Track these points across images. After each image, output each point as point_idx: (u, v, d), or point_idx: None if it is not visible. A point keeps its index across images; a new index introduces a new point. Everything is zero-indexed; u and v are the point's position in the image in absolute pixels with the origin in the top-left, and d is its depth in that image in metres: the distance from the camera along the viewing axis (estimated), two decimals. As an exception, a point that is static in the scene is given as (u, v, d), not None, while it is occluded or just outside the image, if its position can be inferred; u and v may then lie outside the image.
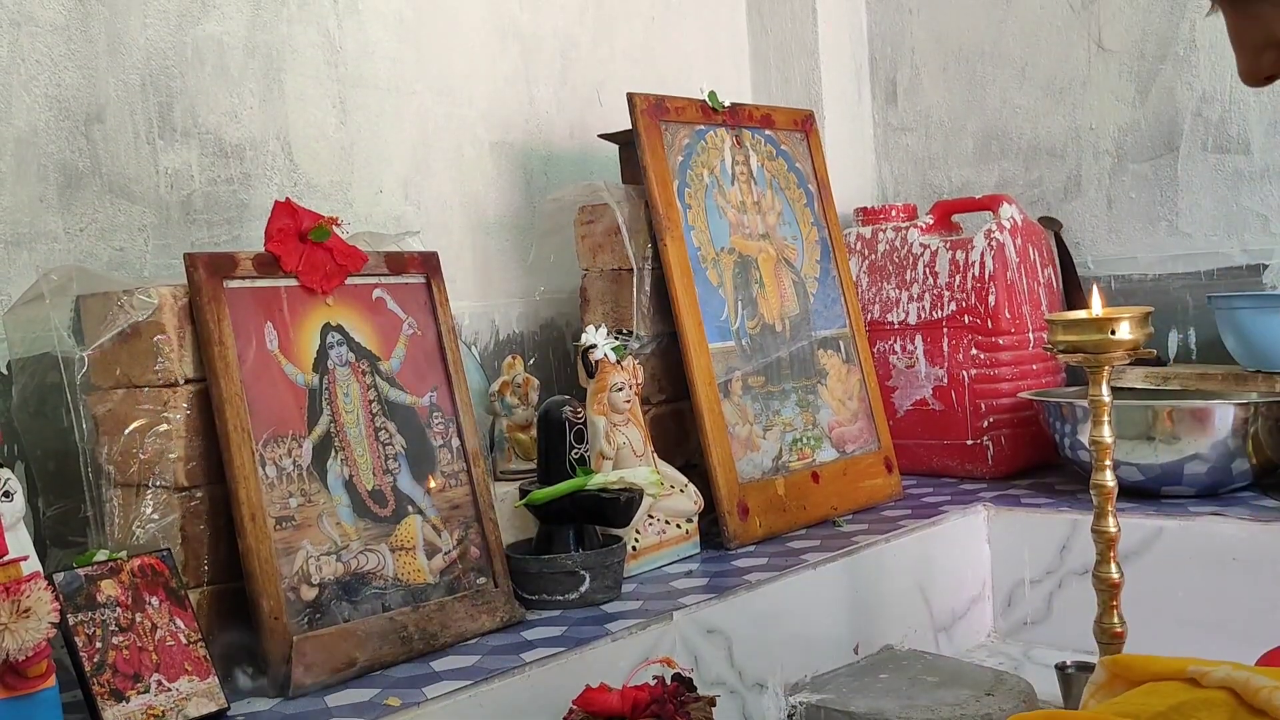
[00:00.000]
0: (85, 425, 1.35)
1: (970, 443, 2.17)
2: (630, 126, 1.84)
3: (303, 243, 1.42)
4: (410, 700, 1.23)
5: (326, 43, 1.81)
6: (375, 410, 1.46)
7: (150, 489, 1.31)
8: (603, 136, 1.98)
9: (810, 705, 1.54)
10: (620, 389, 1.68)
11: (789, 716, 1.56)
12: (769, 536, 1.82)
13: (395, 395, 1.49)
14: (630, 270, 1.83)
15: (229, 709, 1.23)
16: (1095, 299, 1.48)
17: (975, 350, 2.16)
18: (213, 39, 1.67)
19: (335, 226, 1.46)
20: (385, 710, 1.21)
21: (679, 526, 1.75)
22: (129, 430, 1.32)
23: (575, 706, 1.18)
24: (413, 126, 1.93)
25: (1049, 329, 1.46)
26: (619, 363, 1.70)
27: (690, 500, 1.76)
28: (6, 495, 1.15)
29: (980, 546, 1.96)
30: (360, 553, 1.39)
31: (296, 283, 1.42)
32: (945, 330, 2.18)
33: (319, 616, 1.32)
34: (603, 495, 1.55)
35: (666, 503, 1.73)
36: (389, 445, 1.46)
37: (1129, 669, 1.03)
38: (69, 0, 1.52)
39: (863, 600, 1.72)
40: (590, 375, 1.70)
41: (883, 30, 2.63)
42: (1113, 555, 1.47)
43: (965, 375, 2.17)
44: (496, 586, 1.49)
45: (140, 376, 1.33)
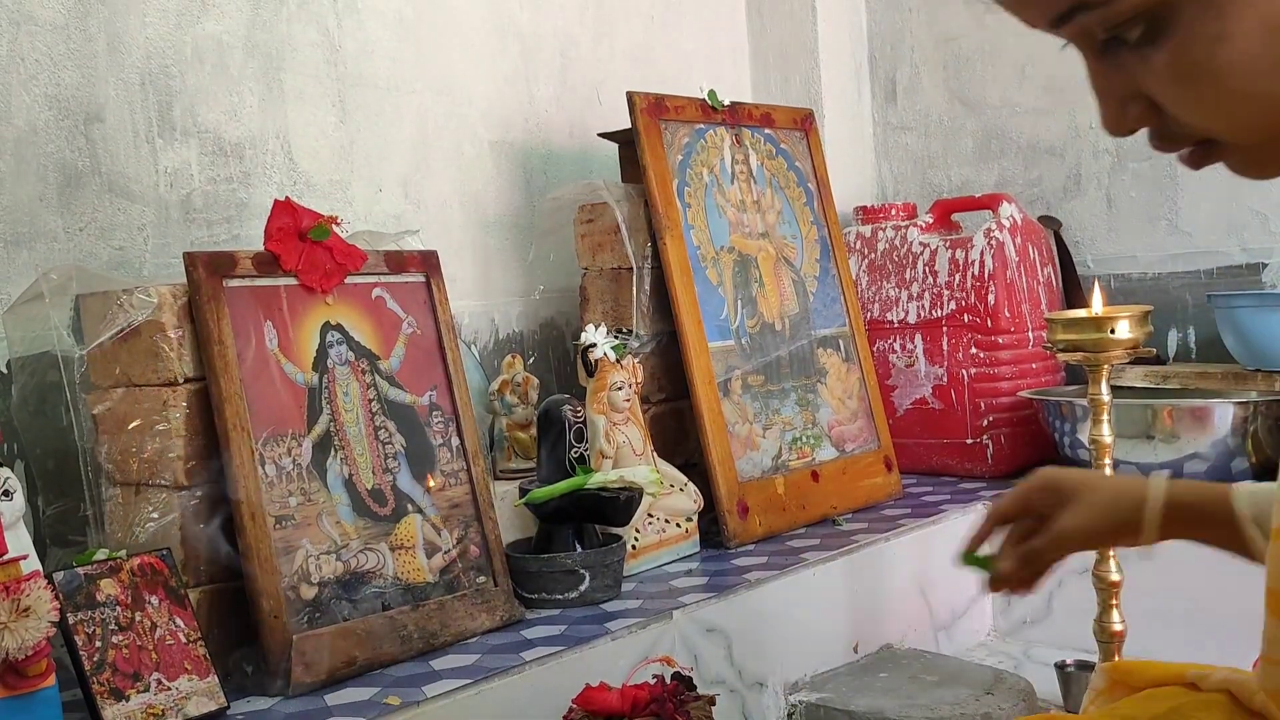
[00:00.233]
0: (85, 424, 1.35)
1: (970, 442, 2.17)
2: (630, 125, 1.84)
3: (302, 242, 1.42)
4: (410, 699, 1.23)
5: (326, 42, 1.81)
6: (375, 409, 1.46)
7: (150, 488, 1.31)
8: (602, 135, 1.98)
9: (810, 704, 1.54)
10: (620, 388, 1.68)
11: (789, 715, 1.56)
12: (768, 535, 1.82)
13: (395, 394, 1.49)
14: (630, 269, 1.83)
15: (229, 708, 1.23)
16: (1095, 298, 1.48)
17: (975, 349, 2.16)
18: (212, 38, 1.67)
19: (335, 225, 1.46)
20: (385, 709, 1.21)
21: (679, 525, 1.75)
22: (129, 429, 1.32)
23: (575, 705, 1.18)
24: (412, 125, 1.93)
25: (1048, 328, 1.47)
26: (618, 362, 1.70)
27: (690, 499, 1.76)
28: (6, 494, 1.15)
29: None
30: (360, 552, 1.39)
31: (296, 282, 1.42)
32: (945, 329, 2.18)
33: (319, 615, 1.32)
34: (602, 494, 1.55)
35: (666, 502, 1.73)
36: (388, 444, 1.46)
37: (1129, 675, 1.04)
38: (68, -1, 1.52)
39: (862, 599, 1.72)
40: (590, 374, 1.70)
41: (882, 29, 2.63)
42: (1112, 554, 1.47)
43: (965, 374, 2.17)
44: (496, 585, 1.49)
45: (140, 375, 1.33)
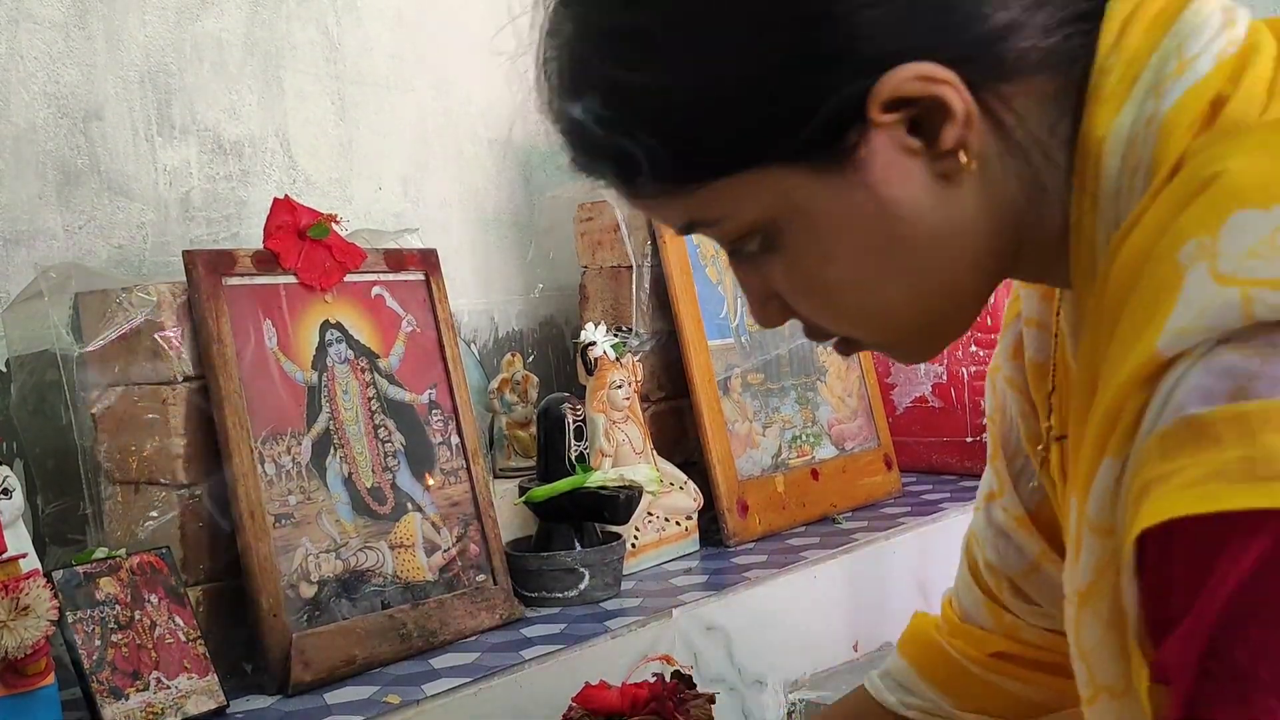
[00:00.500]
0: (84, 423, 1.35)
1: (970, 440, 2.16)
2: (629, 123, 1.83)
3: (302, 240, 1.42)
4: (409, 698, 1.23)
5: (325, 40, 1.81)
6: (374, 408, 1.46)
7: (149, 486, 1.31)
8: (602, 133, 1.97)
9: (810, 702, 1.54)
10: (619, 386, 1.68)
11: (788, 714, 1.56)
12: (768, 534, 1.82)
13: (394, 393, 1.49)
14: (630, 267, 1.83)
15: (228, 706, 1.23)
16: (1095, 296, 1.48)
17: (974, 347, 2.16)
18: (211, 36, 1.66)
19: (334, 224, 1.45)
20: (384, 708, 1.21)
21: (678, 524, 1.75)
22: (128, 428, 1.32)
23: (575, 704, 1.18)
24: (412, 123, 1.93)
25: (1048, 326, 1.47)
26: (618, 360, 1.70)
27: (689, 497, 1.76)
28: (5, 492, 1.15)
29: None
30: (359, 550, 1.39)
31: (295, 280, 1.41)
32: (945, 327, 2.18)
33: (318, 614, 1.32)
34: (602, 492, 1.55)
35: (666, 500, 1.72)
36: (388, 443, 1.46)
37: None
38: (67, -3, 1.52)
39: (862, 597, 1.72)
40: (590, 372, 1.69)
41: (882, 27, 2.62)
42: (1112, 552, 1.47)
43: (965, 372, 2.16)
44: (496, 584, 1.49)
45: (139, 374, 1.33)
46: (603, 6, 0.68)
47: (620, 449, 1.67)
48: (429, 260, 1.57)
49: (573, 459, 1.58)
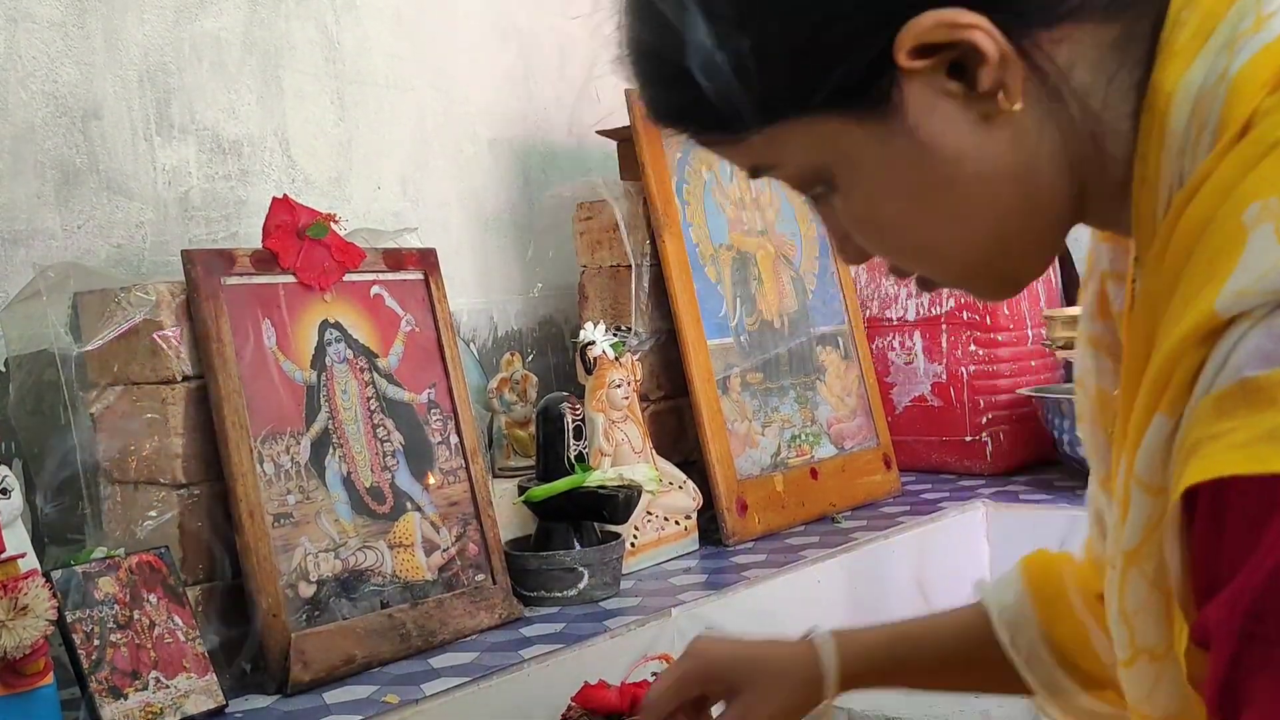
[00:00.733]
0: (83, 422, 1.35)
1: (969, 439, 2.17)
2: (628, 123, 1.84)
3: (301, 239, 1.42)
4: (409, 697, 1.23)
5: (324, 39, 1.81)
6: (373, 407, 1.46)
7: (148, 486, 1.31)
8: (601, 133, 1.98)
9: (809, 702, 1.54)
10: (619, 386, 1.68)
11: (788, 713, 1.56)
12: (767, 533, 1.82)
13: (393, 392, 1.48)
14: (629, 267, 1.83)
15: (227, 706, 1.23)
16: (1094, 295, 1.48)
17: (974, 346, 2.16)
18: (210, 35, 1.66)
19: (333, 223, 1.45)
20: (384, 707, 1.21)
21: (678, 523, 1.75)
22: (127, 427, 1.32)
23: (574, 703, 1.18)
24: (411, 123, 1.93)
25: (1047, 325, 1.47)
26: (617, 359, 1.70)
27: (689, 497, 1.76)
28: (4, 492, 1.15)
29: (979, 543, 1.96)
30: (358, 550, 1.39)
31: (294, 279, 1.41)
32: (944, 326, 2.18)
33: (317, 613, 1.32)
34: (601, 492, 1.55)
35: (665, 499, 1.72)
36: (387, 442, 1.46)
37: None
38: (66, -4, 1.52)
39: (861, 597, 1.72)
40: (589, 372, 1.69)
41: (881, 26, 2.62)
42: (1111, 551, 1.47)
43: (964, 371, 2.17)
44: (495, 583, 1.49)
45: (138, 374, 1.33)
46: None
47: (619, 448, 1.67)
48: (428, 260, 1.57)
49: (572, 458, 1.58)
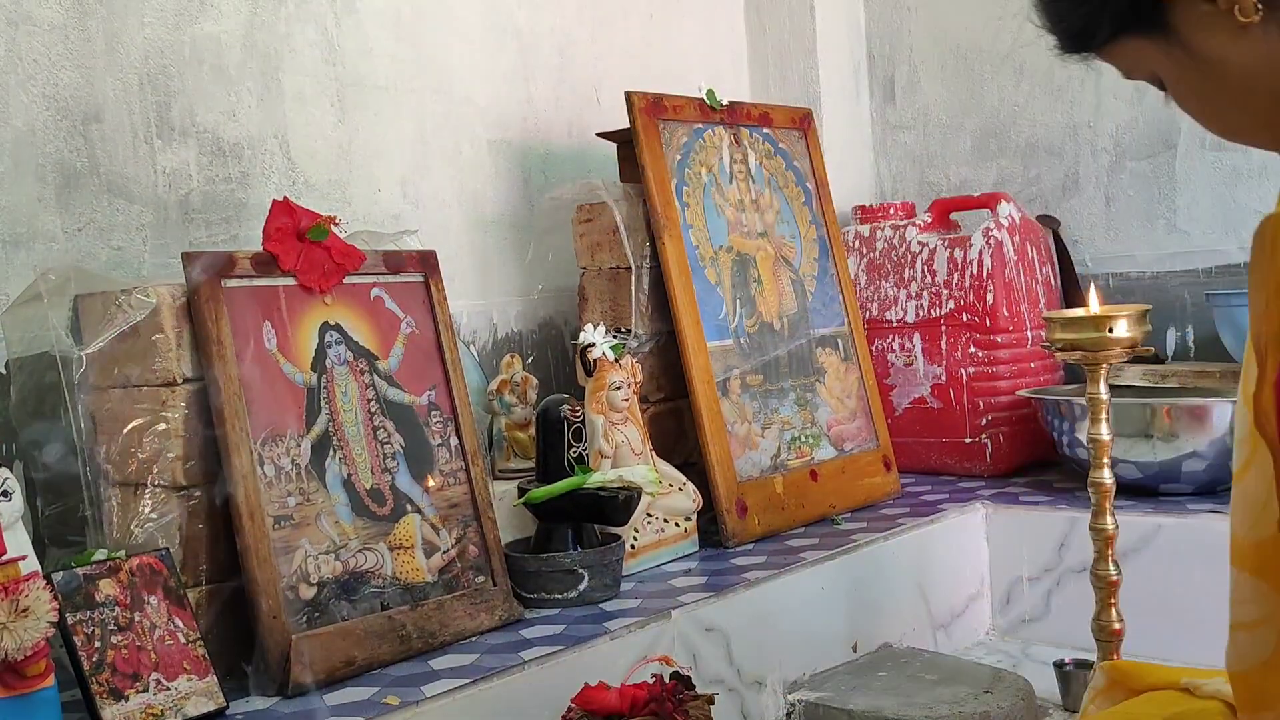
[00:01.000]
0: (84, 425, 1.35)
1: (969, 441, 2.17)
2: (628, 125, 1.84)
3: (301, 242, 1.42)
4: (409, 699, 1.23)
5: (324, 41, 1.81)
6: (374, 409, 1.46)
7: (149, 488, 1.31)
8: (601, 135, 1.98)
9: (809, 703, 1.54)
10: (619, 387, 1.68)
11: (788, 714, 1.56)
12: (767, 535, 1.82)
13: (393, 394, 1.49)
14: (628, 269, 1.83)
15: (227, 708, 1.23)
16: (1093, 297, 1.48)
17: (973, 348, 2.16)
18: (210, 38, 1.67)
19: (333, 225, 1.46)
20: (384, 709, 1.21)
21: (677, 525, 1.75)
22: (127, 430, 1.32)
23: (574, 705, 1.18)
24: (411, 125, 1.93)
25: (1047, 327, 1.47)
26: (617, 361, 1.70)
27: (689, 499, 1.76)
28: (5, 495, 1.15)
29: (979, 544, 1.96)
30: (359, 551, 1.39)
31: (295, 282, 1.42)
32: (943, 328, 2.19)
33: (317, 615, 1.32)
34: (601, 494, 1.55)
35: (665, 501, 1.73)
36: (387, 444, 1.46)
37: (1128, 676, 1.05)
38: (67, 0, 1.52)
39: (861, 598, 1.72)
40: (589, 374, 1.70)
41: (881, 28, 2.63)
42: (1111, 553, 1.48)
43: (963, 373, 2.17)
44: (495, 585, 1.49)
45: (138, 376, 1.33)
46: None
47: (619, 450, 1.67)
48: (428, 262, 1.58)
49: (572, 460, 1.58)
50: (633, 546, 1.67)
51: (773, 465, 1.89)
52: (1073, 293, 2.29)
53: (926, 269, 2.21)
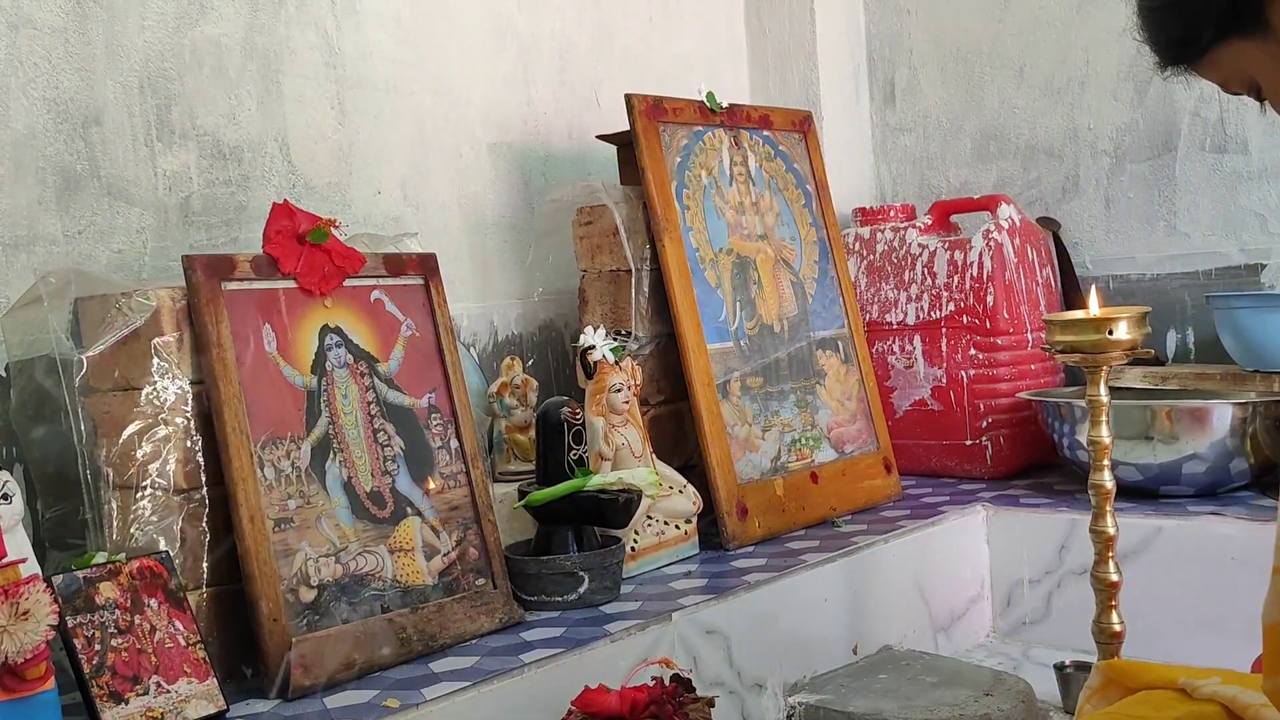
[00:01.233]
0: (84, 427, 1.35)
1: (969, 443, 2.17)
2: (628, 127, 1.84)
3: (301, 244, 1.42)
4: (409, 701, 1.23)
5: (324, 44, 1.81)
6: (374, 412, 1.46)
7: (149, 491, 1.31)
8: (601, 137, 1.98)
9: (809, 705, 1.54)
10: (619, 390, 1.68)
11: (788, 717, 1.56)
12: (768, 537, 1.82)
13: (394, 397, 1.49)
14: (629, 271, 1.83)
15: (228, 710, 1.23)
16: (1093, 299, 1.48)
17: (974, 350, 2.16)
18: (210, 41, 1.67)
19: (333, 228, 1.46)
20: (384, 711, 1.21)
21: (678, 527, 1.75)
22: (127, 432, 1.32)
23: (574, 707, 1.18)
24: (411, 127, 1.93)
25: (1047, 329, 1.47)
26: (617, 363, 1.70)
27: (689, 501, 1.76)
28: (5, 498, 1.15)
29: (979, 546, 1.96)
30: (359, 554, 1.39)
31: (295, 284, 1.42)
32: (944, 330, 2.19)
33: (318, 618, 1.32)
34: (601, 496, 1.55)
35: (665, 503, 1.73)
36: (387, 447, 1.46)
37: (1124, 675, 1.05)
38: (67, 3, 1.52)
39: (861, 600, 1.72)
40: (589, 376, 1.70)
41: (881, 31, 2.63)
42: (1111, 555, 1.47)
43: (964, 375, 2.17)
44: (495, 588, 1.49)
45: (139, 379, 1.33)
46: None
47: (619, 452, 1.67)
48: (428, 264, 1.58)
49: (572, 462, 1.58)
50: (633, 549, 1.67)
51: (773, 467, 1.89)
52: (1073, 295, 2.29)
53: (926, 271, 2.21)
